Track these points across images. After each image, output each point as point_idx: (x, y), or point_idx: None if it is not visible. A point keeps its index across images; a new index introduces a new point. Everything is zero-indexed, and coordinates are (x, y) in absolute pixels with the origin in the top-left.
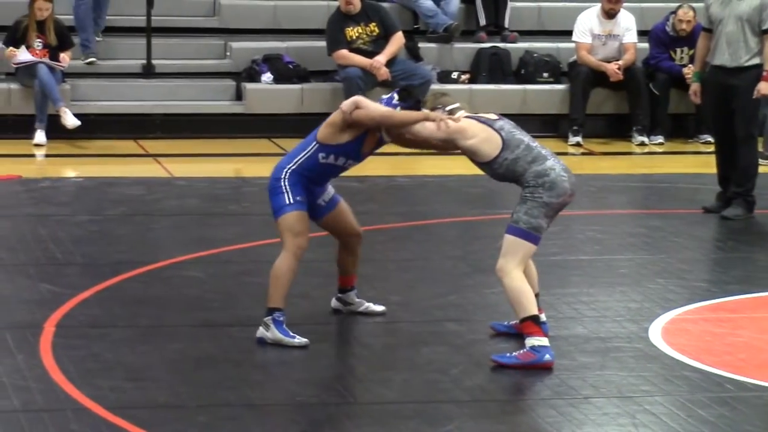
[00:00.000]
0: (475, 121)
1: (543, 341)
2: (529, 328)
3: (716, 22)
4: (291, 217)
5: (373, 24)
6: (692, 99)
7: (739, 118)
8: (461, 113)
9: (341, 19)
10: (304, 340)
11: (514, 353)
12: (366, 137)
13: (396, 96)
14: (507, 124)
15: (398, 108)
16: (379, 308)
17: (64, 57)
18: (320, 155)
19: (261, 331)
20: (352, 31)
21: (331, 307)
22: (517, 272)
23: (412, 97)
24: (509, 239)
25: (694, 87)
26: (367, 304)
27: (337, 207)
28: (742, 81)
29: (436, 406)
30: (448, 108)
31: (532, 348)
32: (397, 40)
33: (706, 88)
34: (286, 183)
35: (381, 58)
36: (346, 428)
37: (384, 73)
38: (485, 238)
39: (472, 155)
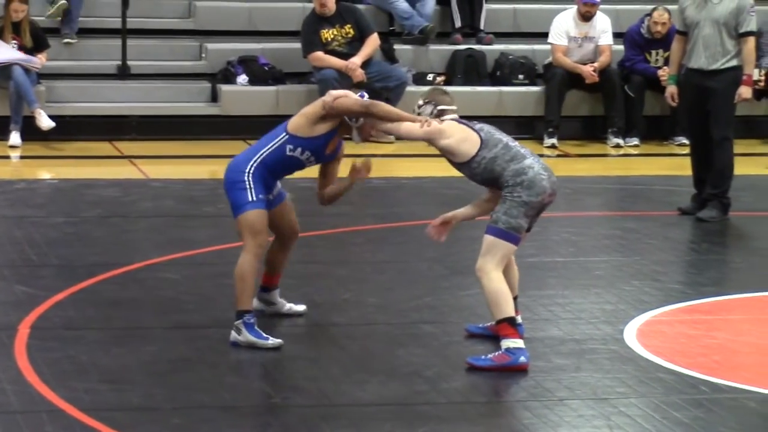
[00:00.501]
0: (454, 123)
1: (518, 343)
2: (505, 330)
3: (692, 26)
4: (252, 215)
5: (348, 26)
6: (669, 102)
7: (715, 121)
8: (448, 117)
9: (316, 21)
10: (277, 341)
11: (489, 355)
12: (333, 136)
13: (366, 95)
14: (486, 126)
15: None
16: (301, 308)
17: (40, 58)
18: (288, 147)
19: (233, 336)
20: (327, 33)
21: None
22: (496, 273)
23: (381, 96)
24: (488, 239)
25: (671, 89)
26: (289, 304)
27: (283, 203)
28: (719, 83)
29: (411, 408)
30: (439, 107)
31: (507, 350)
32: (373, 41)
33: (682, 91)
34: (250, 179)
35: (356, 60)
36: (322, 430)
37: (359, 74)
38: (462, 240)
39: (450, 156)
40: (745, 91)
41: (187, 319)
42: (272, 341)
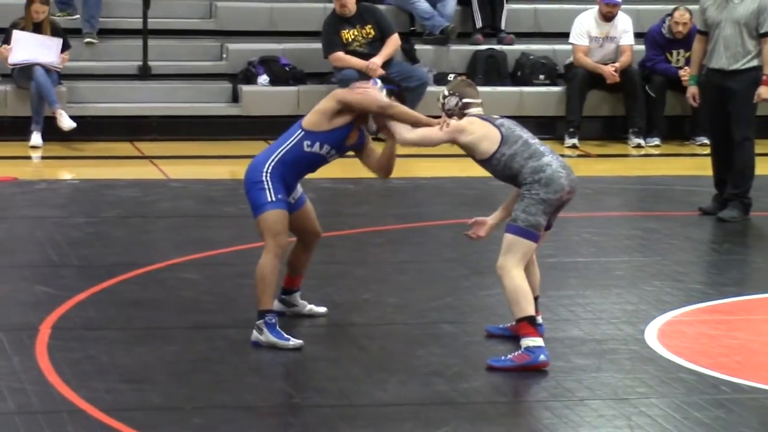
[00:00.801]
0: (476, 118)
1: (538, 342)
2: (525, 329)
3: (713, 26)
4: (272, 215)
5: (369, 26)
6: (690, 102)
7: (736, 121)
8: (473, 110)
9: (336, 21)
10: (299, 342)
11: (509, 356)
12: (352, 128)
13: (379, 82)
14: (507, 121)
15: (384, 91)
16: (322, 309)
17: (64, 57)
18: (305, 143)
19: (255, 335)
20: (348, 34)
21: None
22: (517, 271)
23: (394, 83)
24: (508, 238)
25: (692, 90)
26: (309, 306)
27: (304, 206)
28: (740, 84)
29: (432, 409)
30: (465, 100)
31: (527, 349)
32: (393, 42)
33: (703, 91)
34: (269, 178)
35: (377, 60)
36: (342, 430)
37: (380, 74)
38: (481, 241)
39: (471, 152)
40: (764, 91)
41: (208, 319)
42: (293, 342)
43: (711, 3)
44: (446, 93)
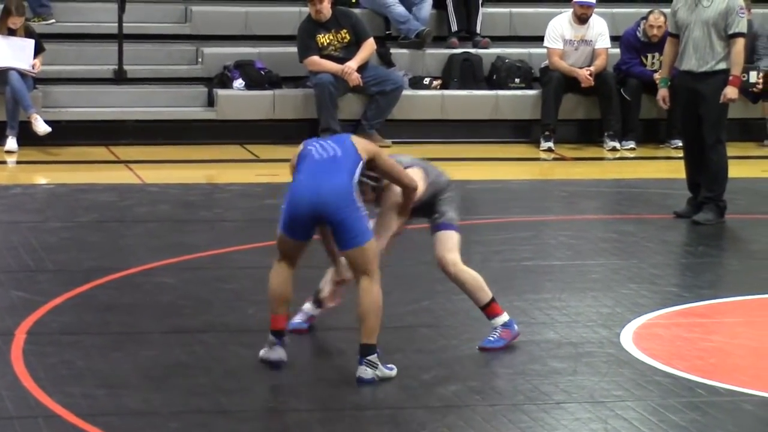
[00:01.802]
0: (412, 168)
1: (506, 315)
2: (496, 309)
3: (683, 28)
4: (374, 243)
5: (345, 30)
6: (660, 104)
7: (707, 124)
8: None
9: (312, 26)
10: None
11: (494, 336)
12: None
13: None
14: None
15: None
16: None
17: (36, 63)
18: (358, 173)
19: (367, 372)
20: (323, 38)
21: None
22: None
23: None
24: (453, 235)
25: (662, 92)
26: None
27: None
28: (710, 86)
29: (408, 412)
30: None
31: (505, 325)
32: (369, 46)
33: (675, 94)
34: (360, 205)
35: (352, 64)
36: None
37: (355, 78)
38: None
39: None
40: (731, 92)
41: (184, 324)
42: (394, 370)
43: (681, 5)
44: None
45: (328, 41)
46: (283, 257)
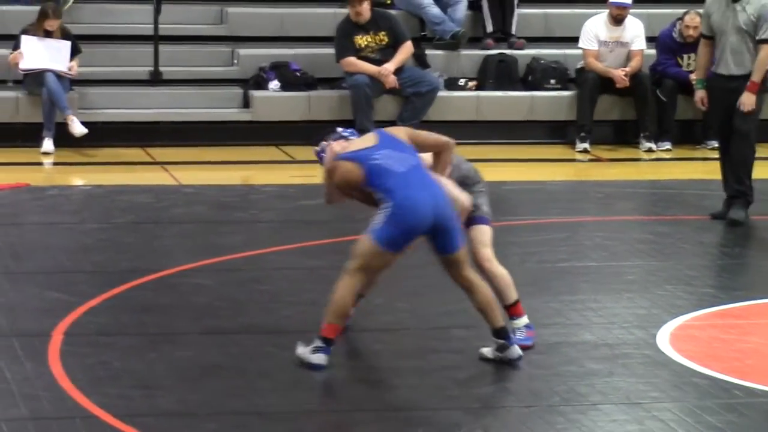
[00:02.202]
0: None
1: (527, 318)
2: (520, 309)
3: (719, 33)
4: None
5: (383, 33)
6: (698, 106)
7: (739, 117)
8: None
9: (350, 27)
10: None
11: (522, 335)
12: None
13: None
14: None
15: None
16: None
17: (72, 65)
18: None
19: (514, 349)
20: (361, 40)
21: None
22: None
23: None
24: (488, 230)
25: (700, 94)
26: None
27: None
28: (744, 84)
29: (444, 413)
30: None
31: (527, 326)
32: (407, 49)
33: (712, 95)
34: None
35: (390, 66)
36: None
37: (392, 80)
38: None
39: None
40: (746, 98)
41: (220, 325)
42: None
43: (716, 10)
44: None
45: (366, 43)
46: (367, 271)
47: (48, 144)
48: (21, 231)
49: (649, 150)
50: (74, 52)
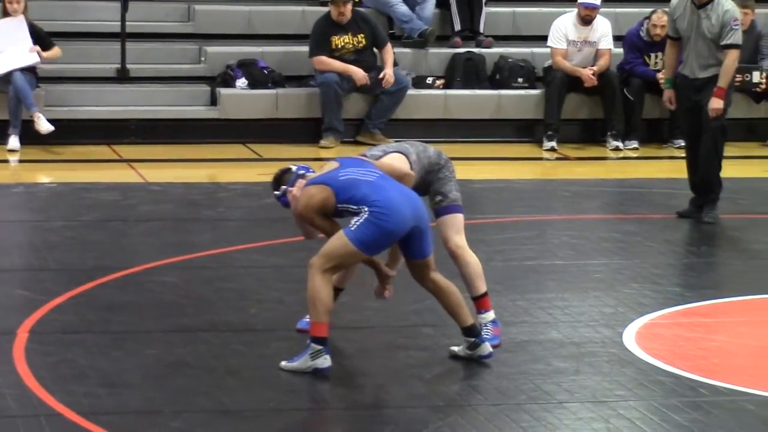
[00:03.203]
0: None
1: (493, 313)
2: (487, 303)
3: (684, 37)
4: None
5: (362, 35)
6: (666, 105)
7: (707, 127)
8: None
9: (330, 25)
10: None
11: (488, 335)
12: None
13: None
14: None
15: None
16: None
17: (54, 50)
18: None
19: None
20: (339, 40)
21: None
22: None
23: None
24: (460, 218)
25: (668, 93)
26: None
27: None
28: (710, 92)
29: (411, 412)
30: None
31: (493, 322)
32: (390, 51)
33: (678, 94)
34: None
35: (390, 72)
36: None
37: (362, 77)
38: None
39: None
40: (714, 103)
41: (187, 323)
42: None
43: (680, 14)
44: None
45: (343, 43)
46: (338, 270)
47: (14, 141)
48: None
49: (617, 149)
50: (47, 47)
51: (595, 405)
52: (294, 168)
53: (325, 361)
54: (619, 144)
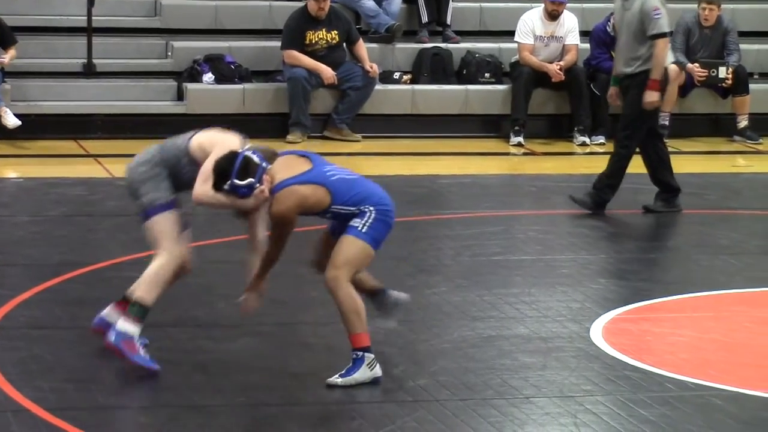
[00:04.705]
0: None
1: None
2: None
3: (617, 33)
4: None
5: (336, 32)
6: (611, 102)
7: (621, 123)
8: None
9: (305, 20)
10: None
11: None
12: None
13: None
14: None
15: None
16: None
17: (9, 53)
18: None
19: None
20: (313, 35)
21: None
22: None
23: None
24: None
25: (612, 90)
26: None
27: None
28: (631, 88)
29: (378, 407)
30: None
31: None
32: (363, 47)
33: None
34: None
35: (372, 64)
36: (288, 430)
37: (330, 75)
38: (427, 239)
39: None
40: (649, 96)
41: (153, 319)
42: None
43: (616, 10)
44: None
45: (317, 38)
46: (358, 271)
47: None
48: None
49: (583, 144)
50: (9, 43)
51: (563, 400)
52: (256, 159)
53: (378, 368)
54: (586, 139)
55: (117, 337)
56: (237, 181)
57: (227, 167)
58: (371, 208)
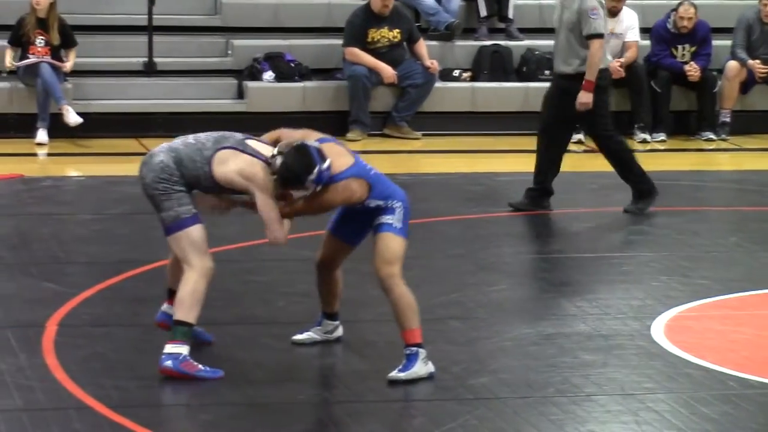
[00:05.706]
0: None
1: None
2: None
3: (556, 30)
4: None
5: (398, 30)
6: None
7: (585, 126)
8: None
9: (368, 17)
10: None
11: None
12: None
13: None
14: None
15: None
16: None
17: (69, 57)
18: None
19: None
20: (376, 33)
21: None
22: None
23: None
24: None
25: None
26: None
27: None
28: (574, 89)
29: (439, 405)
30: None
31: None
32: (424, 45)
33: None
34: None
35: (432, 60)
36: (350, 427)
37: (391, 75)
38: (487, 236)
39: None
40: (582, 97)
41: (215, 316)
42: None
43: (556, 7)
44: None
45: (380, 36)
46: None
47: (42, 135)
48: (15, 222)
49: (644, 141)
50: (71, 44)
51: (624, 398)
52: (311, 141)
53: (431, 365)
54: (647, 136)
55: (173, 362)
56: (322, 167)
57: (305, 160)
58: (398, 203)
